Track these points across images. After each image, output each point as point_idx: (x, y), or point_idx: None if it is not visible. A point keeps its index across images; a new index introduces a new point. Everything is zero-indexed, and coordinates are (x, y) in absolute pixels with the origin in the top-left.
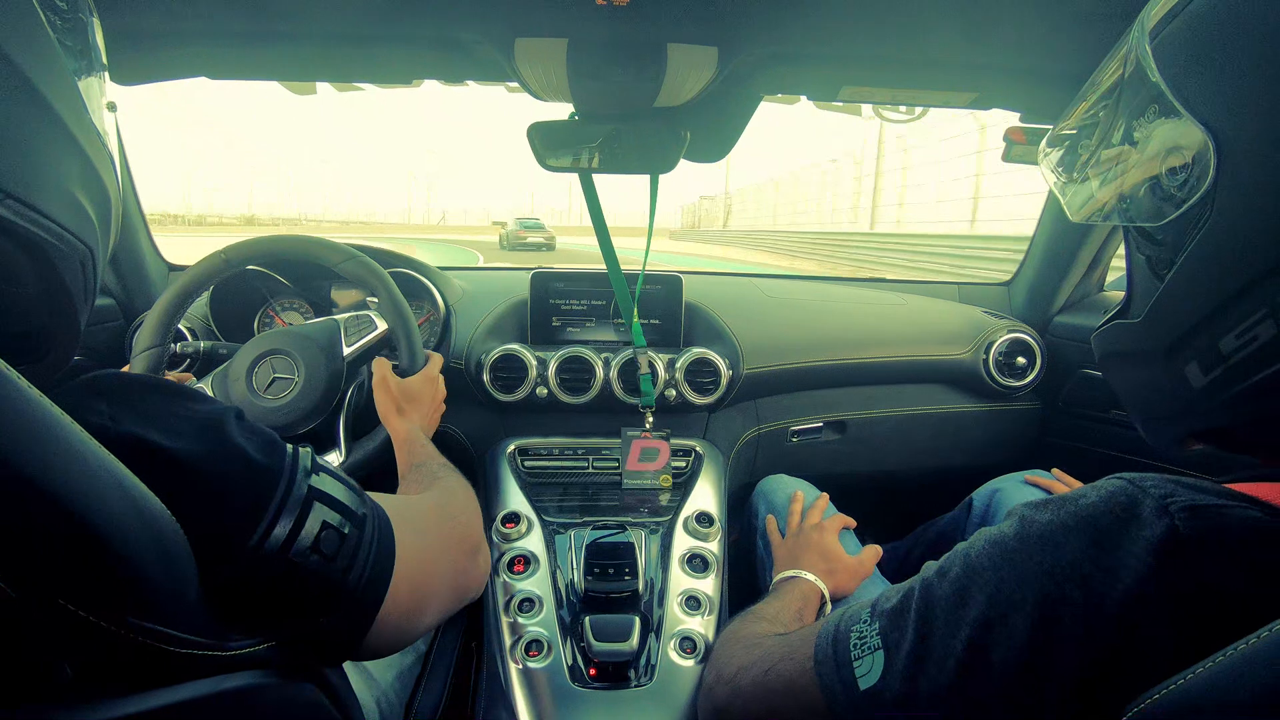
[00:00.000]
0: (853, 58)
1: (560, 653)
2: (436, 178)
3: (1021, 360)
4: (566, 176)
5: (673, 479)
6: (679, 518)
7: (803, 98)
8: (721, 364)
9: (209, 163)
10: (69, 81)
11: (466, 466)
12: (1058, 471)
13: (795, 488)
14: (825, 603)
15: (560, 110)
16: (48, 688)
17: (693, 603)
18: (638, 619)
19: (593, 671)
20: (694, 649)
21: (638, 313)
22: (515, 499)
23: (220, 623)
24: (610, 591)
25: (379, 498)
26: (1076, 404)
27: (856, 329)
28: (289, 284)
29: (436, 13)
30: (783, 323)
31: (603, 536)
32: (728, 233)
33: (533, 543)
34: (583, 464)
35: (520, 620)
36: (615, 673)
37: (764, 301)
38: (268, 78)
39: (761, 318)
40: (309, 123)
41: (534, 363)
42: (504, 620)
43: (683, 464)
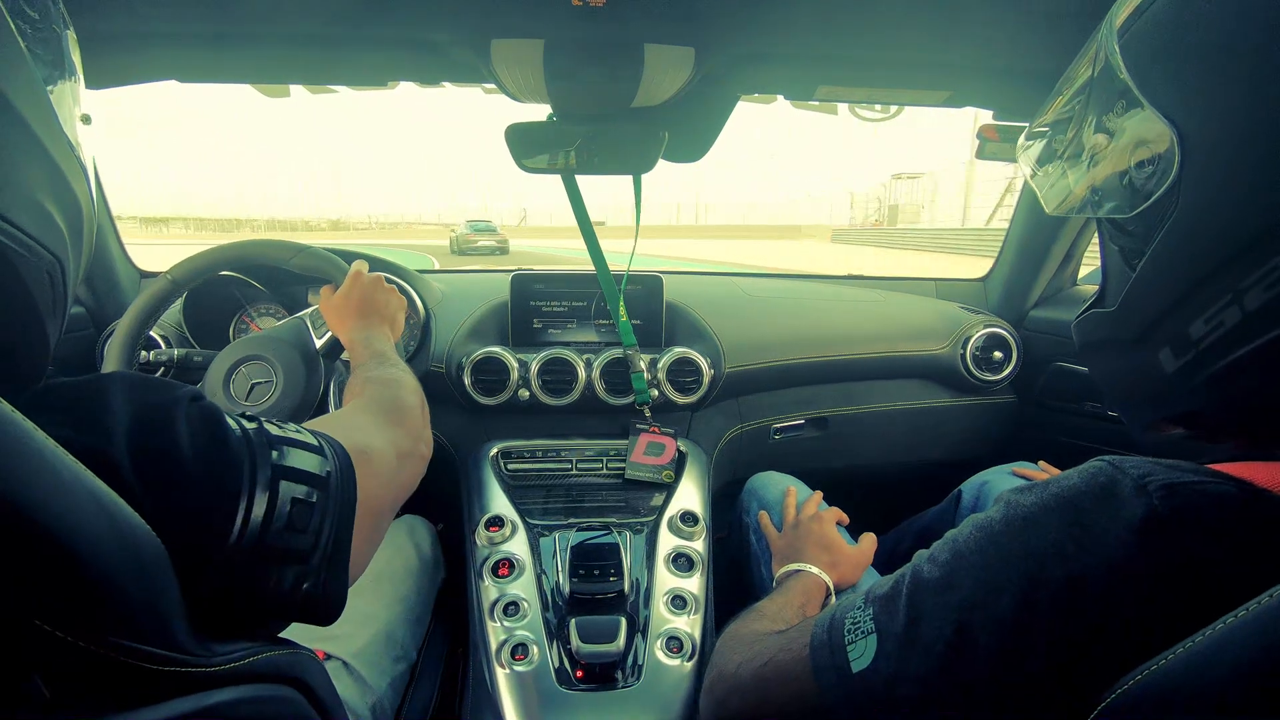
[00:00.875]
0: (828, 58)
1: (546, 655)
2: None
3: (998, 354)
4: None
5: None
6: (663, 517)
7: (779, 97)
8: (703, 363)
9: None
10: (38, 90)
11: (449, 471)
12: (1044, 464)
13: (787, 483)
14: (830, 595)
15: (538, 112)
16: (24, 710)
17: (679, 602)
18: (624, 620)
19: (579, 673)
20: (680, 648)
21: (625, 312)
22: (499, 502)
23: (204, 633)
24: (596, 593)
25: (330, 423)
26: (1052, 396)
27: (836, 326)
28: (263, 289)
29: (410, 14)
30: (763, 321)
31: (587, 538)
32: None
33: (517, 546)
34: (566, 465)
35: (506, 624)
36: (602, 674)
37: (744, 300)
38: (239, 80)
39: (742, 316)
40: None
41: (515, 365)
42: (489, 624)
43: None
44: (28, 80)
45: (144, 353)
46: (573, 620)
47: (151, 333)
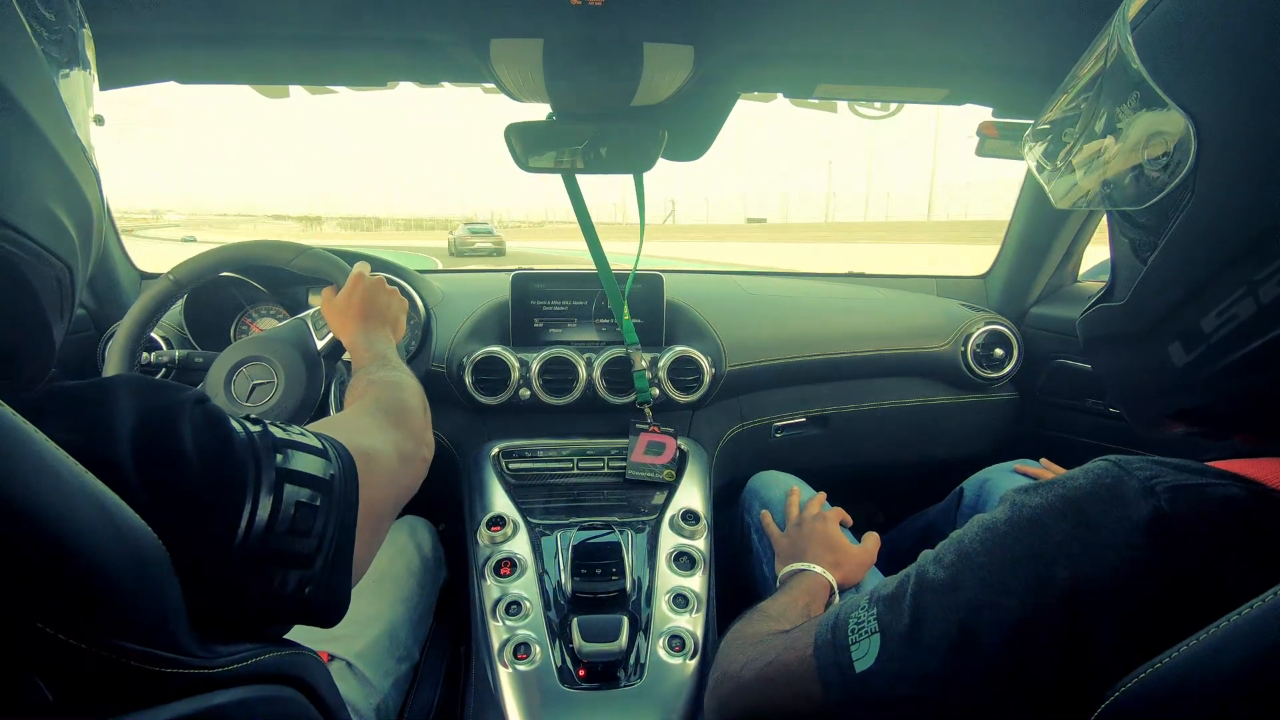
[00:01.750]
0: (827, 56)
1: (549, 655)
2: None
3: (999, 351)
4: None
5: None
6: (665, 516)
7: (779, 95)
8: (704, 362)
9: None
10: (52, 94)
11: (450, 471)
12: (1046, 461)
13: (789, 483)
14: (834, 594)
15: (539, 111)
16: (26, 712)
17: (681, 600)
18: (626, 618)
19: (581, 672)
20: (683, 647)
21: (628, 311)
22: (500, 502)
23: (207, 635)
24: (598, 592)
25: (333, 425)
26: (1053, 393)
27: (837, 324)
28: (264, 289)
29: (409, 14)
30: (764, 319)
31: (589, 537)
32: None
33: (519, 545)
34: (568, 464)
35: (508, 623)
36: (604, 673)
37: (745, 299)
38: (238, 81)
39: (743, 315)
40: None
41: (516, 364)
42: (491, 624)
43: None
44: (43, 87)
45: (145, 354)
46: (575, 619)
47: (152, 334)
